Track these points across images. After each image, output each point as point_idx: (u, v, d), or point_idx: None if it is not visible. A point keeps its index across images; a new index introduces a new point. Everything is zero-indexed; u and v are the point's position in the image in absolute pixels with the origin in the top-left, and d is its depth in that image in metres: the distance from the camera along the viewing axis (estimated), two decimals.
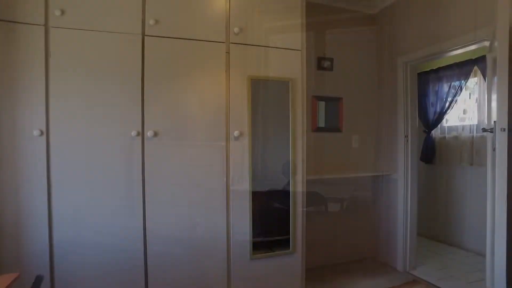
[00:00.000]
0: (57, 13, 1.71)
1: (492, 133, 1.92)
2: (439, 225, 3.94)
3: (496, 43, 1.77)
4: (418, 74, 3.87)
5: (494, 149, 1.84)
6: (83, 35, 1.78)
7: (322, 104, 3.11)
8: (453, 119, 3.87)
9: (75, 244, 1.78)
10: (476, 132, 3.53)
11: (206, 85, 2.02)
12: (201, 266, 2.02)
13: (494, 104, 1.90)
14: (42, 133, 1.71)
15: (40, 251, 1.73)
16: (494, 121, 1.81)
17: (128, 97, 1.87)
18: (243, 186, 2.09)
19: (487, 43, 2.32)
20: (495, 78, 1.80)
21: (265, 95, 2.18)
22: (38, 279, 1.06)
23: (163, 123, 1.93)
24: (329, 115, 3.14)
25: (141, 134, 1.89)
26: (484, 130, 2.03)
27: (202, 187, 2.01)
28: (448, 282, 2.78)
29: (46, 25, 1.72)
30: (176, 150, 1.96)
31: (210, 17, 2.03)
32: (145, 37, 1.90)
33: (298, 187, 2.24)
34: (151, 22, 1.89)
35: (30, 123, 1.70)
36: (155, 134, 1.91)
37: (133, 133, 1.86)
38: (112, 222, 1.84)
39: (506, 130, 1.70)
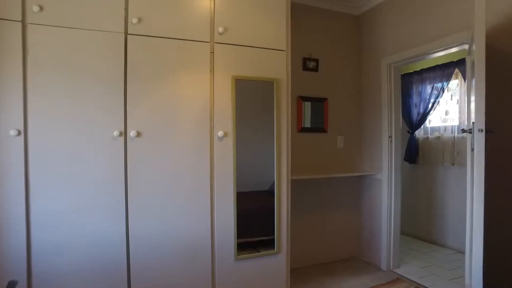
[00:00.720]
0: (35, 9, 1.67)
1: (471, 134, 1.96)
2: (422, 224, 4.02)
3: (474, 46, 1.81)
4: (402, 75, 3.96)
5: (472, 150, 1.88)
6: (63, 32, 1.74)
7: (307, 105, 3.13)
8: (435, 120, 3.95)
9: (54, 248, 1.74)
10: (458, 132, 3.61)
11: (190, 85, 2.00)
12: (185, 268, 2.00)
13: (473, 106, 1.94)
14: (19, 133, 1.66)
15: (17, 256, 1.67)
16: (473, 122, 1.85)
17: (110, 97, 1.84)
18: (227, 186, 2.08)
19: (467, 46, 2.37)
20: (474, 80, 1.84)
21: (250, 96, 2.18)
22: (11, 285, 1.03)
23: (146, 123, 1.91)
24: (314, 116, 3.16)
25: (124, 134, 1.86)
26: (463, 131, 2.08)
27: (185, 188, 1.99)
28: (429, 279, 2.83)
29: (23, 21, 1.67)
30: (159, 151, 1.93)
31: (194, 17, 2.01)
32: (128, 36, 1.87)
33: (282, 187, 2.24)
34: (134, 20, 1.87)
35: (6, 123, 1.65)
36: (138, 134, 1.89)
37: (116, 133, 1.83)
38: (93, 224, 1.80)
39: (484, 131, 1.75)
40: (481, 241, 1.72)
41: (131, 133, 1.86)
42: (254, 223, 2.27)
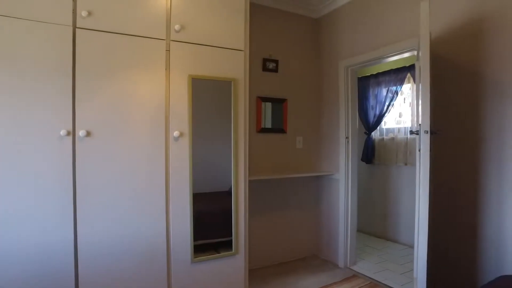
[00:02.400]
0: None
1: (418, 135, 2.07)
2: (377, 222, 4.20)
3: (420, 53, 1.91)
4: (359, 78, 4.11)
5: (419, 150, 1.98)
6: (1, 21, 1.60)
7: (268, 105, 3.15)
8: (390, 121, 4.14)
9: None
10: (410, 134, 3.81)
11: (144, 83, 1.94)
12: (139, 272, 1.93)
13: (421, 109, 2.05)
14: None
15: None
16: (419, 124, 1.96)
17: (57, 94, 1.72)
18: (183, 187, 2.04)
19: (416, 52, 2.51)
20: (420, 85, 1.95)
21: (207, 95, 2.15)
22: None
23: (97, 123, 1.81)
24: (274, 116, 3.19)
25: (72, 133, 1.76)
26: (411, 132, 2.19)
27: (139, 190, 1.92)
28: (383, 274, 2.96)
29: None
30: (111, 152, 1.85)
31: (149, 13, 1.95)
32: (77, 30, 1.77)
33: (240, 188, 2.23)
34: (84, 13, 1.77)
35: None
36: (88, 133, 1.79)
37: (62, 132, 1.72)
38: (38, 230, 1.68)
39: (429, 132, 1.85)
40: (426, 237, 1.82)
41: (80, 133, 1.76)
42: (213, 224, 2.24)
